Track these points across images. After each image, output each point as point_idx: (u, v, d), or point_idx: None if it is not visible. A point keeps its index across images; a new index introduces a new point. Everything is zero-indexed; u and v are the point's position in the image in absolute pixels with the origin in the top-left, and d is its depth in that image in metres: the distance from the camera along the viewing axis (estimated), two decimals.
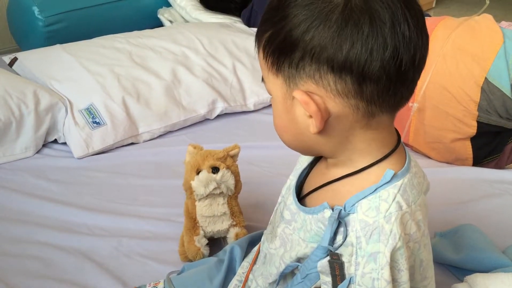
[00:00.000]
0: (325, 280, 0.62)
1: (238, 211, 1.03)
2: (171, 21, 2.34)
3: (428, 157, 1.46)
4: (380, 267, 0.57)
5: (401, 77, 0.55)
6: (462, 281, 0.93)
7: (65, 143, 1.46)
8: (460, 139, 1.38)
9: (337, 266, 0.60)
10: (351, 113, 0.57)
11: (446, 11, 3.83)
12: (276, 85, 0.60)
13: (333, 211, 0.60)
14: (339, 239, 0.60)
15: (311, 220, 0.64)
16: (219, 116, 1.65)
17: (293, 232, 0.68)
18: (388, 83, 0.55)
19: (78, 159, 1.40)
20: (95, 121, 1.45)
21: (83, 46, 1.72)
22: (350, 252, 0.59)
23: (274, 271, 0.72)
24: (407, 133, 1.45)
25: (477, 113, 1.32)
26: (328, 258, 0.60)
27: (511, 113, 1.32)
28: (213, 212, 1.00)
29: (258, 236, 0.96)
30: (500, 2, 3.36)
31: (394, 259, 0.57)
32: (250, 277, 0.82)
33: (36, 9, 2.05)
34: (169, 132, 1.57)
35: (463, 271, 0.98)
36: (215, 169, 0.98)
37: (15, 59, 1.66)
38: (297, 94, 0.57)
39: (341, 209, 0.59)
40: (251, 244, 0.97)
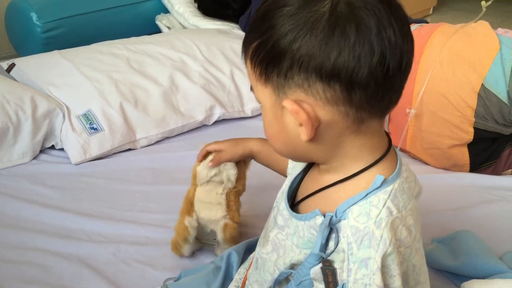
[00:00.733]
0: (319, 287, 0.62)
1: (235, 206, 1.03)
2: (169, 28, 2.34)
3: (425, 163, 1.46)
4: (371, 273, 0.57)
5: (388, 82, 0.56)
6: (459, 287, 0.94)
7: (62, 149, 1.46)
8: (457, 145, 1.38)
9: (329, 272, 0.60)
10: (341, 120, 0.57)
11: (443, 18, 3.85)
12: (265, 94, 0.60)
13: (324, 217, 0.60)
14: (331, 245, 0.60)
15: (303, 226, 0.64)
16: (216, 122, 1.65)
17: (286, 237, 0.68)
18: (376, 89, 0.55)
19: (75, 165, 1.40)
20: (93, 127, 1.45)
21: (81, 52, 1.72)
22: (342, 258, 0.59)
23: (268, 277, 0.72)
24: (405, 139, 1.45)
25: (474, 119, 1.33)
26: (320, 265, 0.60)
27: (508, 120, 1.33)
28: (210, 199, 1.01)
29: (255, 242, 0.96)
30: (496, 9, 3.38)
31: (385, 264, 0.57)
32: (246, 283, 0.82)
33: (34, 15, 2.05)
34: (167, 138, 1.57)
35: (460, 278, 0.98)
36: None
37: (13, 65, 1.66)
38: (287, 103, 0.57)
39: (332, 216, 0.59)
40: (248, 250, 0.97)
